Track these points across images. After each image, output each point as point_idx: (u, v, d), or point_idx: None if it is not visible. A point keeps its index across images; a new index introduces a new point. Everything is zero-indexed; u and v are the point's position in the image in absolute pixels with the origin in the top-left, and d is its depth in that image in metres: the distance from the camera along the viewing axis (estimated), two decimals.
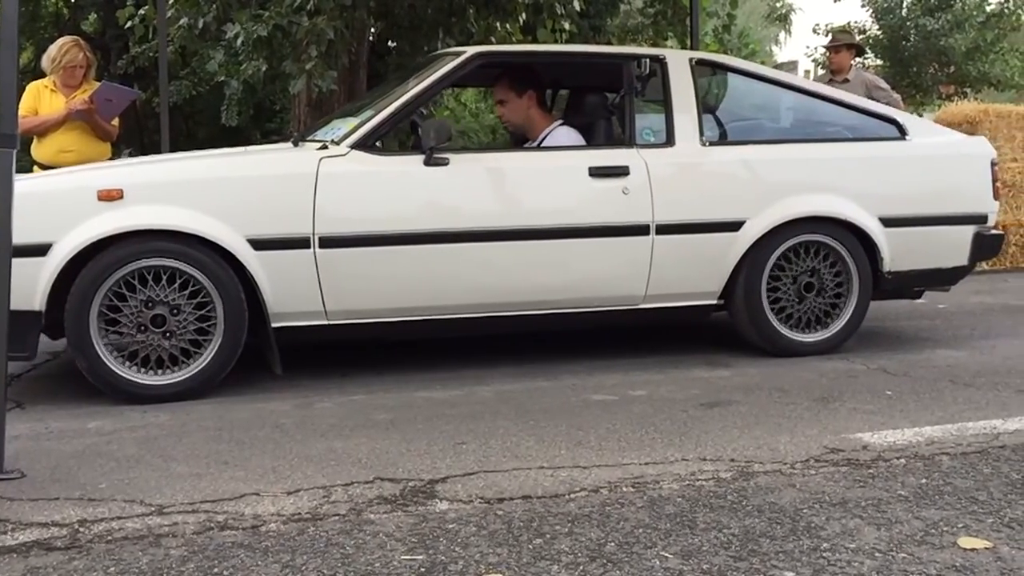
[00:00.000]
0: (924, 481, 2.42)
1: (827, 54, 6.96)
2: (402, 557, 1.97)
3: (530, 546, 2.02)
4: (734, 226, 3.79)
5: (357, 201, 3.43)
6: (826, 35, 17.50)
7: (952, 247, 4.09)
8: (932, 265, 4.09)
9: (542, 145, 3.98)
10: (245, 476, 2.48)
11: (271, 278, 3.33)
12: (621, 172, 3.68)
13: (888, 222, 3.95)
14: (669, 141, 3.82)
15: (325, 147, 3.52)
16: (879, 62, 17.64)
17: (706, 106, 4.04)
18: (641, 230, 3.68)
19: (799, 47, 58.57)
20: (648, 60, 3.91)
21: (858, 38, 11.31)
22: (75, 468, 2.55)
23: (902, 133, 4.13)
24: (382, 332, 3.59)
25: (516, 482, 2.43)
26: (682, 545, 2.02)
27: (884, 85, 6.60)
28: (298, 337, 3.47)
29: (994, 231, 4.21)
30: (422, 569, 1.91)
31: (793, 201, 3.85)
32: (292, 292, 3.36)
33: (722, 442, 2.75)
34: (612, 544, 2.03)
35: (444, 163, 3.52)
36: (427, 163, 3.49)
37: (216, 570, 1.91)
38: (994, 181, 4.16)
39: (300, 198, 3.35)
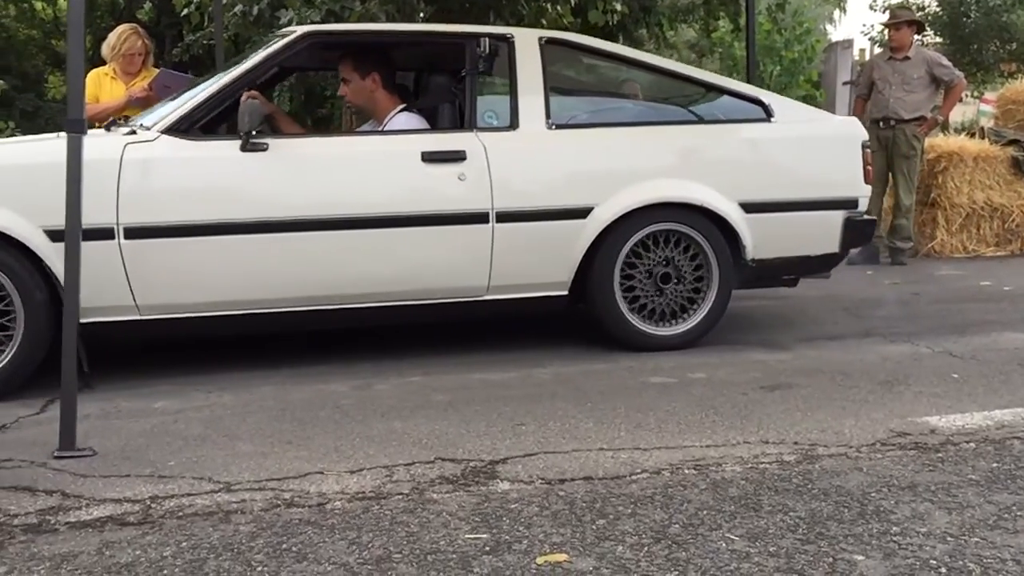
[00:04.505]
0: (995, 465, 2.36)
1: (886, 32, 6.79)
2: (466, 536, 1.98)
3: (593, 527, 2.02)
4: (581, 213, 3.59)
5: (165, 189, 3.24)
6: (884, 12, 17.11)
7: (820, 233, 3.88)
8: (799, 252, 3.88)
9: (381, 131, 3.81)
10: (308, 455, 2.52)
11: None
12: (457, 157, 3.49)
13: (750, 208, 3.75)
14: (513, 124, 3.63)
15: (134, 132, 3.35)
16: (938, 39, 17.20)
17: (556, 88, 3.86)
18: (480, 218, 3.49)
19: (854, 25, 57.34)
20: (489, 39, 3.69)
21: (917, 15, 11.03)
22: (144, 446, 2.61)
23: (767, 114, 3.93)
24: (202, 327, 3.37)
25: (577, 463, 2.43)
26: (748, 528, 2.01)
27: (946, 63, 6.45)
28: (112, 333, 3.26)
29: (866, 216, 4.01)
30: (487, 548, 1.92)
31: (645, 187, 3.66)
32: (97, 286, 3.11)
33: (784, 425, 2.72)
34: (676, 526, 2.02)
35: (262, 148, 3.33)
36: (243, 148, 3.30)
37: (285, 546, 1.94)
38: (865, 164, 3.95)
39: (102, 186, 3.13)
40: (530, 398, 3.06)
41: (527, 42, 3.77)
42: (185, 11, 7.15)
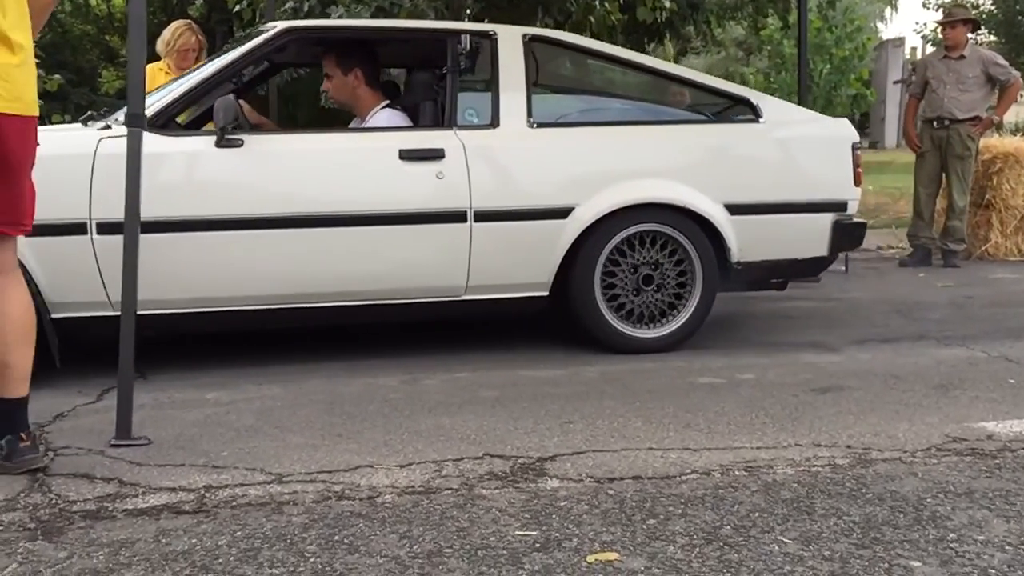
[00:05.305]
0: None
1: (941, 30, 6.67)
2: (516, 532, 1.99)
3: (644, 526, 2.01)
4: (562, 213, 3.53)
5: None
6: (937, 10, 16.79)
7: (809, 236, 3.81)
8: (787, 255, 3.80)
9: (358, 128, 3.78)
10: (358, 448, 2.54)
11: (45, 266, 3.08)
12: (435, 155, 3.44)
13: (735, 209, 3.68)
14: (494, 122, 3.58)
15: (109, 127, 3.29)
16: (992, 38, 16.86)
17: (539, 86, 3.79)
18: (457, 217, 3.44)
19: (906, 23, 56.40)
20: (471, 36, 3.65)
21: (972, 13, 10.81)
22: (197, 436, 2.65)
23: (756, 115, 3.86)
24: (177, 324, 3.32)
25: (626, 462, 2.42)
26: (801, 531, 1.98)
27: (1002, 62, 6.32)
28: (88, 328, 3.19)
29: (856, 220, 3.91)
30: (537, 544, 1.92)
31: (627, 187, 3.59)
32: (71, 281, 3.10)
33: (836, 428, 2.69)
34: (728, 527, 2.00)
35: (238, 144, 3.28)
36: (218, 144, 3.26)
37: (337, 538, 1.96)
38: (855, 166, 3.85)
39: (76, 181, 3.10)
40: (578, 396, 3.06)
41: (510, 39, 3.72)
42: (237, 7, 7.25)
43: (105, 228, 3.14)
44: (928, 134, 6.28)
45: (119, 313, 3.12)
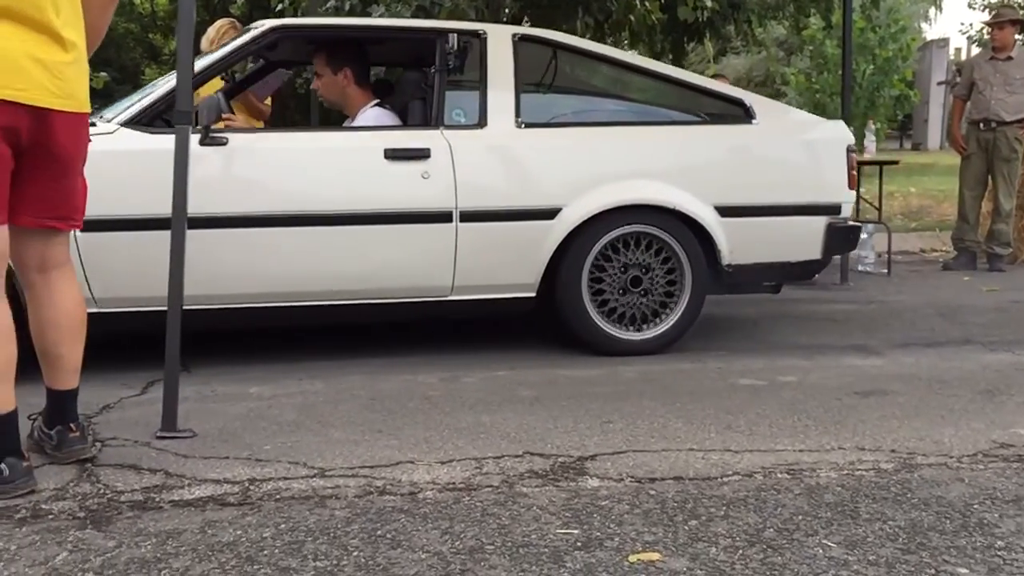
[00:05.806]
0: None
1: (989, 31, 6.56)
2: (557, 531, 1.99)
3: (685, 527, 2.01)
4: (549, 214, 3.51)
5: (122, 181, 3.16)
6: (983, 10, 16.53)
7: (802, 239, 3.76)
8: (779, 258, 3.76)
9: (344, 127, 3.77)
10: (399, 444, 2.55)
11: None
12: (421, 155, 3.42)
13: (726, 212, 3.64)
14: (481, 122, 3.57)
15: (94, 124, 3.26)
16: None
17: (529, 85, 3.76)
18: (443, 217, 3.42)
19: (950, 23, 55.56)
20: (460, 35, 3.63)
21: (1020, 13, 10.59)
22: (241, 430, 2.68)
23: (748, 116, 3.82)
24: (161, 322, 3.21)
25: (666, 463, 2.41)
26: (845, 535, 1.96)
27: None
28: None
29: (850, 223, 3.85)
30: (578, 543, 1.92)
31: (615, 188, 3.57)
32: None
33: (881, 432, 2.65)
34: (771, 530, 1.99)
35: (222, 143, 3.29)
36: (202, 142, 3.24)
37: (379, 532, 1.97)
38: (850, 169, 3.79)
39: None
40: (617, 395, 3.05)
41: (500, 38, 3.71)
42: (279, 6, 7.33)
43: (89, 225, 3.06)
44: (974, 136, 6.19)
45: (103, 310, 3.20)
